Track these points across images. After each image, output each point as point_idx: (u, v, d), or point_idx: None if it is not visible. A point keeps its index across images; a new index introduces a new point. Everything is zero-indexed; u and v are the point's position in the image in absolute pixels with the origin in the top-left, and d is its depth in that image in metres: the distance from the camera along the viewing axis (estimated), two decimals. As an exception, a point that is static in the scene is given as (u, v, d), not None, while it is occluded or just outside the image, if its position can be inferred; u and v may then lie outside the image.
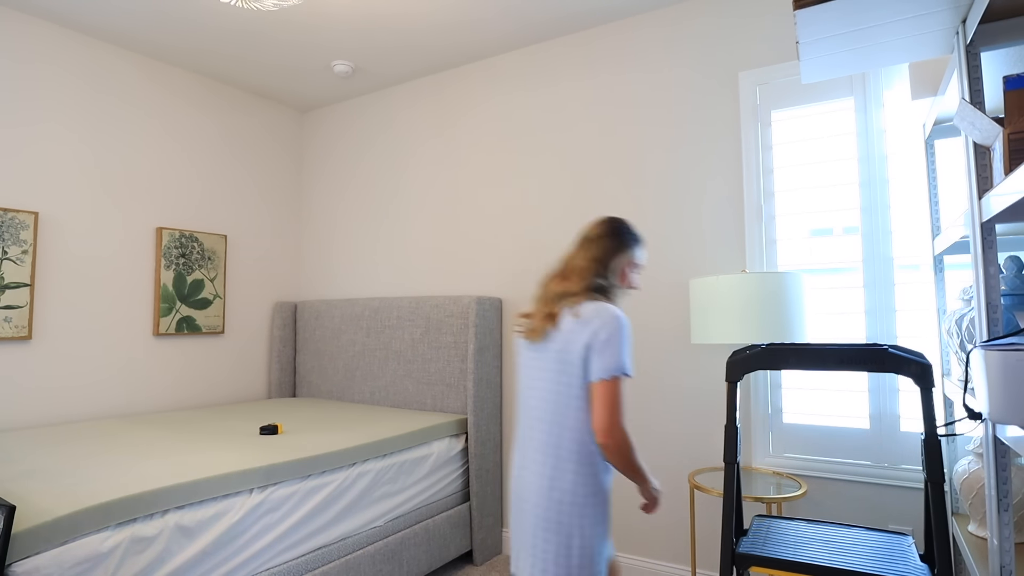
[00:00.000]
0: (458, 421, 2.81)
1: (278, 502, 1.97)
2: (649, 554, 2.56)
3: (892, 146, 2.20)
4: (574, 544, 1.39)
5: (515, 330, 2.96)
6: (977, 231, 1.23)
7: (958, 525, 1.78)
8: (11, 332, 2.59)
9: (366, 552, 2.24)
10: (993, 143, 1.12)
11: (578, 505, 1.40)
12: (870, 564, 1.23)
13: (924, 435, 1.20)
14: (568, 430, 1.43)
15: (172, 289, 3.18)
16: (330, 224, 3.80)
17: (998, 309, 1.19)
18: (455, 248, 3.23)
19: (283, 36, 2.94)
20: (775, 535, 1.40)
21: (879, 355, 1.23)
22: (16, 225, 2.62)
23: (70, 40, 2.85)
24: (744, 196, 2.43)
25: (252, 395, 3.60)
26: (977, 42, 1.26)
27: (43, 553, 1.42)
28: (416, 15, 2.74)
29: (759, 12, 2.45)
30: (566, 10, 2.71)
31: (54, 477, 1.74)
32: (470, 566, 2.77)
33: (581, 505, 1.40)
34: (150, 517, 1.66)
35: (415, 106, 3.45)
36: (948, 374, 1.87)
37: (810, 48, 1.48)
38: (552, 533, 1.40)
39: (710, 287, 2.05)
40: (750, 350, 1.37)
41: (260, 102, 3.73)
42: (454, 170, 3.27)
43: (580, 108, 2.87)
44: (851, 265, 2.25)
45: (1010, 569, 1.17)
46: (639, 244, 1.59)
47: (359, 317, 3.39)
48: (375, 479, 2.33)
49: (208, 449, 2.11)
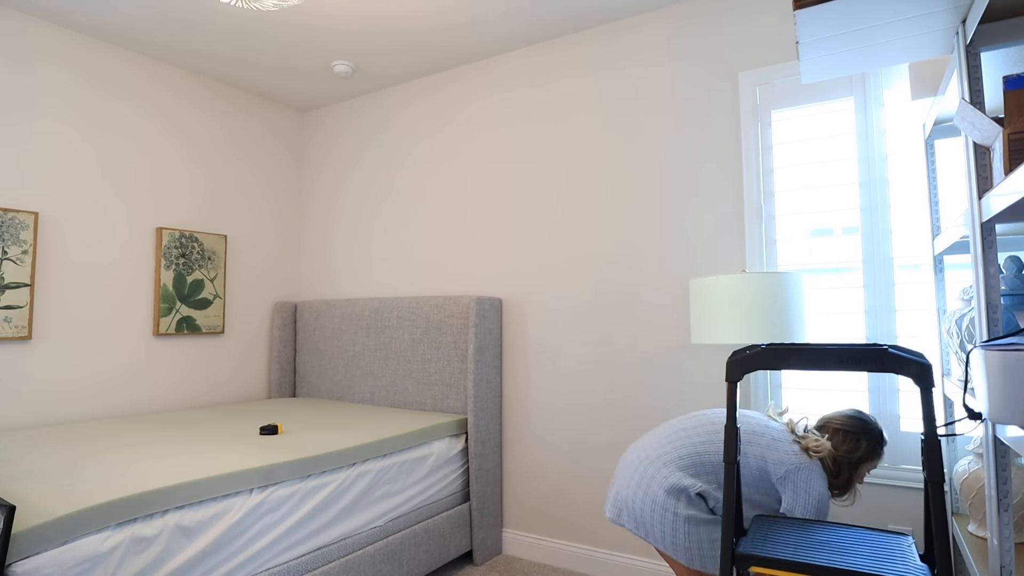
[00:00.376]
0: (458, 421, 2.81)
1: (278, 502, 1.97)
2: (649, 554, 2.56)
3: (892, 146, 2.20)
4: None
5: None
6: (977, 231, 1.23)
7: (958, 525, 1.78)
8: (11, 332, 2.59)
9: (366, 552, 2.24)
10: (993, 143, 1.12)
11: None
12: (870, 564, 1.23)
13: (924, 435, 1.20)
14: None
15: (172, 289, 3.18)
16: (330, 224, 3.80)
17: (998, 309, 1.19)
18: (455, 248, 3.23)
19: (283, 36, 2.94)
20: (775, 535, 1.40)
21: (879, 355, 1.23)
22: (16, 225, 2.62)
23: (70, 40, 2.85)
24: (744, 196, 2.43)
25: (252, 395, 3.60)
26: (977, 42, 1.26)
27: (43, 553, 1.42)
28: (416, 16, 2.74)
29: (759, 12, 2.45)
30: (566, 11, 2.71)
31: (54, 477, 1.74)
32: (470, 566, 2.77)
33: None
34: (150, 517, 1.66)
35: (415, 106, 3.45)
36: (948, 374, 1.87)
37: (810, 48, 1.48)
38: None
39: (710, 287, 2.05)
40: (750, 350, 1.36)
41: (260, 102, 3.73)
42: (454, 170, 3.27)
43: (580, 108, 2.88)
44: (851, 265, 2.25)
45: (1010, 569, 1.17)
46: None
47: (359, 317, 3.39)
48: (375, 479, 2.33)
49: (208, 449, 2.11)
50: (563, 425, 2.82)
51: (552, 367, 2.87)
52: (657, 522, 1.62)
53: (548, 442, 2.86)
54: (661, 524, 1.62)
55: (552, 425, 2.85)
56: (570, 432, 2.80)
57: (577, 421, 2.78)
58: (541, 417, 2.88)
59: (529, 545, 2.86)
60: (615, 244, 2.73)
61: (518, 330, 2.99)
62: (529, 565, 2.79)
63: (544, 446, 2.87)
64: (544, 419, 2.87)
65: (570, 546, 2.75)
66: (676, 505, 1.61)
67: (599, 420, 2.72)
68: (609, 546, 2.66)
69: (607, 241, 2.75)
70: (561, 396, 2.83)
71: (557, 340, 2.86)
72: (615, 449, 2.67)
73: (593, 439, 2.73)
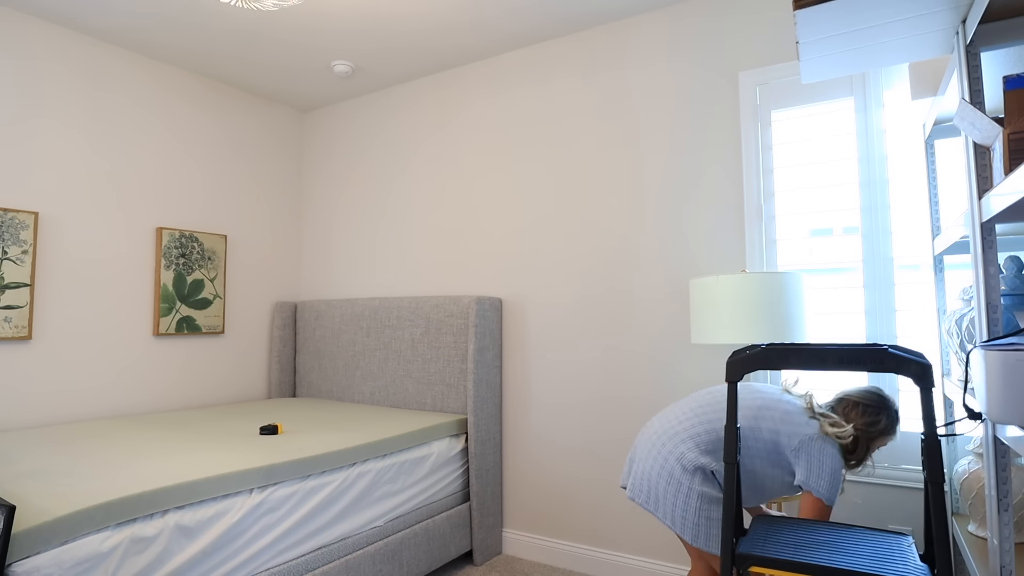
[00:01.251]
0: (458, 421, 2.81)
1: (278, 502, 1.97)
2: (649, 554, 2.56)
3: (892, 146, 2.20)
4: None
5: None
6: (977, 231, 1.23)
7: (958, 525, 1.78)
8: (11, 332, 2.59)
9: (366, 552, 2.24)
10: (993, 143, 1.12)
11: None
12: (870, 564, 1.23)
13: (924, 435, 1.20)
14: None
15: (172, 289, 3.18)
16: (330, 224, 3.80)
17: (998, 309, 1.19)
18: (455, 248, 3.23)
19: (283, 36, 2.94)
20: (775, 535, 1.40)
21: (879, 355, 1.23)
22: (16, 225, 2.62)
23: (70, 40, 2.85)
24: (744, 196, 2.43)
25: (252, 395, 3.60)
26: (977, 42, 1.26)
27: (43, 553, 1.42)
28: (416, 15, 2.74)
29: (759, 12, 2.45)
30: (567, 11, 2.71)
31: (54, 477, 1.74)
32: (470, 566, 2.77)
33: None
34: (150, 517, 1.66)
35: (415, 106, 3.45)
36: (948, 374, 1.87)
37: (810, 48, 1.48)
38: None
39: (710, 287, 2.05)
40: (750, 350, 1.36)
41: (260, 102, 3.73)
42: (454, 170, 3.27)
43: (580, 108, 2.87)
44: (851, 265, 2.25)
45: (1010, 569, 1.17)
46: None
47: (359, 317, 3.39)
48: (375, 479, 2.33)
49: (208, 449, 2.11)
50: (563, 425, 2.82)
51: (552, 367, 2.87)
52: (671, 496, 1.63)
53: (548, 442, 2.86)
54: (674, 498, 1.62)
55: (552, 425, 2.85)
56: (570, 432, 2.80)
57: (577, 421, 2.78)
58: (541, 417, 2.88)
59: (529, 545, 2.86)
60: (615, 244, 2.73)
61: (518, 330, 2.99)
62: (529, 565, 2.79)
63: (544, 446, 2.87)
64: (544, 419, 2.87)
65: (570, 546, 2.75)
66: (692, 480, 1.62)
67: (600, 419, 2.72)
68: (610, 546, 2.66)
69: (607, 241, 2.75)
70: (561, 396, 2.83)
71: (557, 340, 2.86)
72: (616, 449, 2.67)
73: (593, 439, 2.73)
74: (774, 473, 1.64)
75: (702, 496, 1.61)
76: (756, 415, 1.67)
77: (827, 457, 1.59)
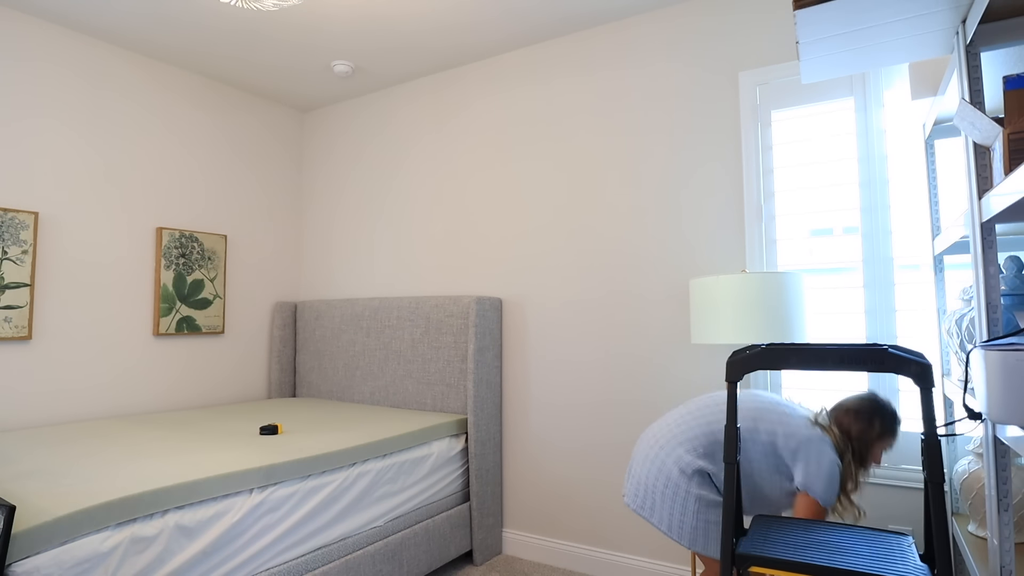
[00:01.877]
0: (458, 421, 2.81)
1: (278, 502, 1.97)
2: (649, 554, 2.56)
3: (892, 146, 2.20)
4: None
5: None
6: (977, 231, 1.23)
7: (958, 525, 1.78)
8: (11, 332, 2.59)
9: (366, 552, 2.24)
10: (993, 143, 1.12)
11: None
12: (870, 564, 1.23)
13: (924, 435, 1.20)
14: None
15: (172, 289, 3.18)
16: (330, 224, 3.80)
17: (998, 309, 1.19)
18: (455, 248, 3.23)
19: (283, 36, 2.93)
20: (775, 535, 1.40)
21: (879, 355, 1.23)
22: (16, 225, 2.62)
23: (70, 40, 2.85)
24: (744, 196, 2.43)
25: (252, 395, 3.60)
26: (977, 42, 1.26)
27: (43, 553, 1.42)
28: (416, 15, 2.74)
29: (759, 12, 2.45)
30: (567, 10, 2.71)
31: (54, 477, 1.74)
32: (470, 566, 2.77)
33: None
34: (150, 517, 1.66)
35: (415, 106, 3.45)
36: (948, 374, 1.87)
37: (810, 48, 1.48)
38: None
39: (710, 287, 2.05)
40: (750, 350, 1.36)
41: (260, 102, 3.73)
42: (454, 169, 3.27)
43: (580, 108, 2.87)
44: (851, 265, 2.25)
45: (1010, 569, 1.17)
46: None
47: (359, 317, 3.39)
48: (375, 479, 2.33)
49: (208, 449, 2.11)
50: (563, 425, 2.82)
51: (552, 367, 2.87)
52: (668, 501, 1.63)
53: (548, 442, 2.86)
54: (671, 503, 1.62)
55: (552, 425, 2.85)
56: (570, 432, 2.80)
57: (577, 421, 2.78)
58: (541, 417, 2.88)
59: (529, 545, 2.86)
60: (615, 244, 2.73)
61: (518, 330, 2.99)
62: (529, 565, 2.79)
63: (544, 446, 2.87)
64: (544, 419, 2.87)
65: (570, 546, 2.75)
66: (689, 484, 1.62)
67: (599, 420, 2.72)
68: (610, 546, 2.66)
69: (607, 241, 2.75)
70: (561, 396, 2.83)
71: (557, 340, 2.86)
72: (615, 449, 2.67)
73: (593, 439, 2.73)
74: (773, 479, 1.64)
75: (700, 500, 1.61)
76: (755, 416, 1.67)
77: (825, 459, 1.59)
